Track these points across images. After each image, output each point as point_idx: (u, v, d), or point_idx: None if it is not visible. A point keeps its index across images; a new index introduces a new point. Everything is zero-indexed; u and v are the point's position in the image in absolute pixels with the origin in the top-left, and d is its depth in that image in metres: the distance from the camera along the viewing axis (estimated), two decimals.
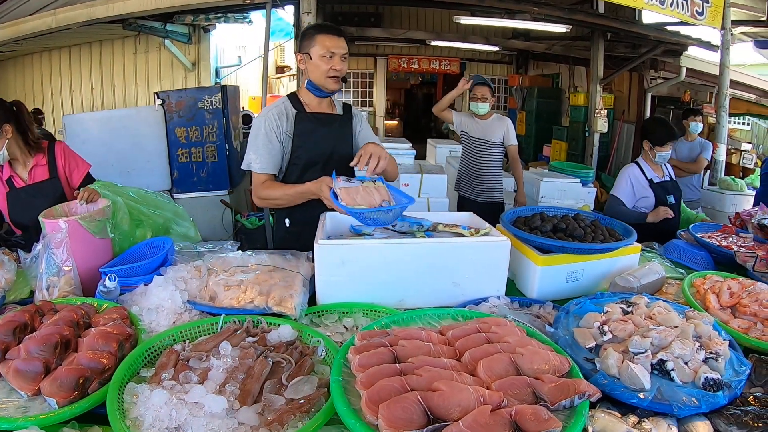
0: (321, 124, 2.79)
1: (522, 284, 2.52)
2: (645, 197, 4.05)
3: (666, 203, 4.00)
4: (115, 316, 1.86)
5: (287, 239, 2.85)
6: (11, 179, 2.98)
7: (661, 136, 3.99)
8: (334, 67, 2.64)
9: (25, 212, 2.94)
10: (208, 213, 7.04)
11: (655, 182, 4.04)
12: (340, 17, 11.52)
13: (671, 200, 4.04)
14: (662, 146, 3.99)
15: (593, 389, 1.38)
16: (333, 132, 2.83)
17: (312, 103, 2.80)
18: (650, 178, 4.04)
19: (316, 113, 2.80)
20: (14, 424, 1.37)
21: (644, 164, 4.10)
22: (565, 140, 11.73)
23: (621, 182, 4.11)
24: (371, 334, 1.63)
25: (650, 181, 4.04)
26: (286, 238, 2.87)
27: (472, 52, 14.40)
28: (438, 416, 1.22)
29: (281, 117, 2.73)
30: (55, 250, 2.24)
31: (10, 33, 6.89)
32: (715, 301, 2.18)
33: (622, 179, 4.10)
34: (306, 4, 6.17)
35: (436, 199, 5.88)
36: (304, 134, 2.75)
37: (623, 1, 6.52)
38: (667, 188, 4.08)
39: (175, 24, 8.09)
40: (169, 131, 7.10)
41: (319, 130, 2.77)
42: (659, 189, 4.04)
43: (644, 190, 4.04)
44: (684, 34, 8.42)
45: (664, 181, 4.11)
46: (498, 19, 8.59)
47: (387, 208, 2.15)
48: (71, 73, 9.42)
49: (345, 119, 2.91)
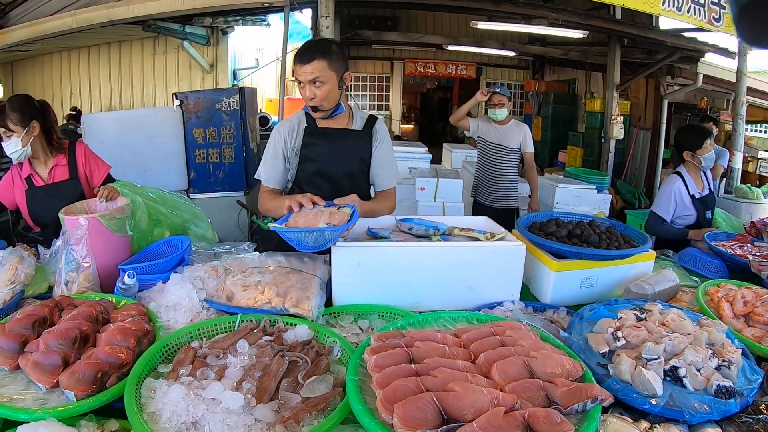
0: (330, 139, 2.71)
1: (536, 289, 2.52)
2: (686, 215, 3.90)
3: (704, 219, 3.90)
4: (133, 312, 1.89)
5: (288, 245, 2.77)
6: (31, 177, 3.03)
7: (695, 140, 3.83)
8: (306, 96, 2.54)
9: (44, 210, 2.98)
10: (224, 213, 7.07)
11: (697, 198, 3.89)
12: (356, 21, 11.57)
13: (709, 215, 3.95)
14: (702, 147, 3.81)
15: (606, 394, 1.39)
16: (342, 148, 2.73)
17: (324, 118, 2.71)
18: (692, 193, 3.87)
19: (327, 128, 2.73)
20: (32, 415, 1.40)
21: (687, 176, 3.91)
22: (581, 146, 11.67)
23: (663, 198, 3.93)
24: (387, 335, 1.64)
25: (692, 197, 3.87)
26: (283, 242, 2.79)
27: (488, 57, 14.38)
28: (452, 417, 1.23)
29: (291, 132, 2.71)
30: (74, 246, 2.27)
31: (31, 33, 6.99)
32: (729, 310, 2.17)
33: (665, 195, 3.92)
34: (324, 7, 6.19)
35: (451, 203, 5.88)
36: (311, 149, 2.70)
37: (640, 7, 6.48)
38: (707, 204, 3.93)
39: (193, 26, 8.17)
40: (186, 132, 7.15)
41: (326, 146, 2.70)
42: (700, 206, 3.89)
43: (686, 208, 3.89)
44: (701, 41, 8.35)
45: (705, 196, 3.94)
46: (515, 24, 8.60)
47: (304, 230, 2.06)
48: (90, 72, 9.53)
49: (362, 135, 2.78)
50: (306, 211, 2.18)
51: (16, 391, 1.54)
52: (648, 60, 9.58)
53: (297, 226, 2.11)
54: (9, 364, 1.62)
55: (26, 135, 2.90)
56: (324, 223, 2.06)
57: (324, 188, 2.65)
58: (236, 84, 9.57)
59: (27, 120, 2.90)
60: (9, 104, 2.91)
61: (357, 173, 2.77)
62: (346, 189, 2.62)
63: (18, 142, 2.89)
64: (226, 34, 9.11)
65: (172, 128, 7.14)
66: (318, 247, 2.07)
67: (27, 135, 2.91)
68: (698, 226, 3.85)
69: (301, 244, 2.07)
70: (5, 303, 2.05)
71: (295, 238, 2.06)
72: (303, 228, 2.08)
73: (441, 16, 13.44)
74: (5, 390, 1.54)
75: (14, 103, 2.92)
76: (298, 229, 2.07)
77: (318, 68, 2.46)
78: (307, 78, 2.48)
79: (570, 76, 13.78)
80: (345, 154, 2.74)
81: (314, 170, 2.72)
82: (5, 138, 2.90)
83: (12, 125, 2.88)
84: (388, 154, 2.86)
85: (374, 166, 2.80)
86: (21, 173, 3.04)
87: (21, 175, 3.04)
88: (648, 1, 6.36)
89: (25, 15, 7.21)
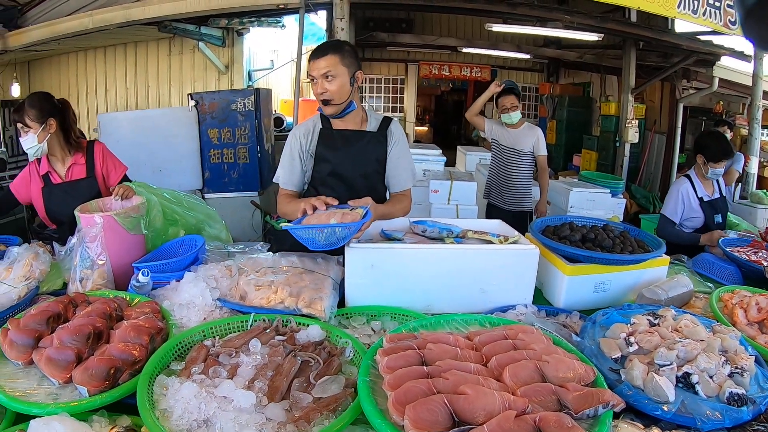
0: (345, 141, 2.72)
1: (549, 293, 2.51)
2: (694, 217, 3.93)
3: (713, 223, 3.89)
4: (147, 310, 1.91)
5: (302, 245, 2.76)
6: (48, 175, 3.06)
7: (716, 153, 3.82)
8: (318, 91, 2.57)
9: (61, 208, 3.01)
10: (238, 214, 7.11)
11: (705, 201, 3.91)
12: (371, 23, 11.57)
13: (718, 219, 3.94)
14: (717, 163, 3.83)
15: (617, 399, 1.38)
16: (356, 150, 2.73)
17: (337, 119, 2.72)
18: (701, 196, 3.90)
19: (342, 130, 2.74)
20: (45, 409, 1.42)
21: (696, 179, 3.94)
22: (596, 150, 11.59)
23: (671, 200, 3.96)
24: (399, 336, 1.64)
25: (701, 199, 3.90)
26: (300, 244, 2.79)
27: (503, 60, 14.31)
28: (463, 419, 1.23)
29: (306, 135, 2.73)
30: (89, 244, 2.30)
31: (48, 33, 7.07)
32: (743, 316, 2.15)
33: (672, 197, 3.96)
34: (339, 9, 6.20)
35: (465, 206, 5.87)
36: (325, 151, 2.72)
37: (655, 10, 6.44)
38: (716, 207, 3.94)
39: (209, 27, 8.21)
40: (201, 132, 7.21)
41: (340, 148, 2.71)
42: (708, 209, 3.91)
43: (693, 210, 3.91)
44: (717, 44, 8.27)
45: (714, 200, 3.96)
46: (529, 26, 8.57)
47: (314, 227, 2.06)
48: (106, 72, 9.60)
49: (377, 137, 2.78)
50: (320, 212, 2.17)
51: (29, 385, 1.56)
52: (663, 63, 9.52)
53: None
54: (23, 359, 1.65)
55: (43, 132, 2.94)
56: (336, 222, 2.06)
57: (338, 189, 2.66)
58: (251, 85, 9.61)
59: (44, 117, 2.94)
60: (28, 101, 2.96)
61: (372, 174, 2.77)
62: (360, 190, 2.64)
63: (34, 138, 2.92)
64: (242, 36, 9.15)
65: (188, 128, 7.21)
66: (330, 245, 2.07)
67: (44, 132, 2.94)
68: (706, 230, 3.84)
69: (313, 242, 2.07)
70: (20, 299, 2.08)
71: (306, 236, 2.06)
72: (314, 225, 2.07)
73: (456, 19, 13.41)
74: (19, 384, 1.56)
75: (33, 100, 2.97)
76: (309, 227, 2.07)
77: (330, 63, 2.51)
78: (320, 72, 2.52)
79: (585, 79, 13.71)
80: (360, 156, 2.74)
81: (329, 171, 2.72)
82: (23, 134, 2.95)
83: (29, 121, 2.91)
84: (404, 155, 2.85)
85: (390, 168, 2.81)
86: (39, 170, 3.07)
87: (39, 172, 3.07)
88: (663, 3, 6.32)
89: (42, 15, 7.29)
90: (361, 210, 2.19)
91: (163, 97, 9.44)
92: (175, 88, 9.42)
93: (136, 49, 9.42)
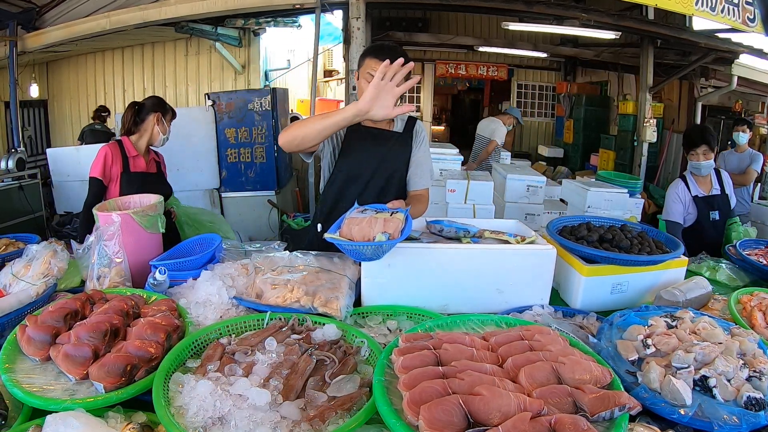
0: (373, 139, 2.73)
1: (566, 294, 2.50)
2: (686, 214, 3.94)
3: (707, 220, 3.88)
4: (163, 307, 1.92)
5: (317, 244, 2.72)
6: (131, 159, 3.67)
7: (687, 141, 3.86)
8: None
9: (138, 192, 3.03)
10: (254, 212, 7.16)
11: (699, 197, 3.91)
12: (387, 22, 11.56)
13: (715, 216, 3.91)
14: (690, 152, 3.86)
15: (634, 402, 1.37)
16: (383, 149, 2.75)
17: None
18: (695, 194, 3.91)
19: (372, 128, 2.76)
20: (61, 405, 1.43)
21: (690, 178, 3.97)
22: (613, 149, 11.50)
23: (669, 204, 3.99)
24: (415, 336, 1.64)
25: (695, 197, 3.90)
26: (316, 243, 2.77)
27: (519, 59, 14.24)
28: (478, 420, 1.23)
29: None
30: (107, 242, 2.32)
31: (66, 34, 7.16)
32: (762, 319, 2.11)
33: (669, 200, 3.98)
34: (355, 9, 6.21)
35: (482, 206, 5.84)
36: (351, 147, 2.73)
37: (673, 8, 6.38)
38: (712, 204, 3.92)
39: (225, 27, 8.27)
40: (218, 131, 7.27)
41: (366, 146, 2.73)
42: (702, 204, 3.90)
43: (687, 207, 3.93)
44: (735, 42, 8.17)
45: (711, 196, 3.95)
46: (546, 25, 8.52)
47: (362, 243, 1.94)
48: (124, 73, 9.71)
49: (403, 137, 2.82)
50: (358, 216, 2.07)
51: (46, 381, 1.57)
52: (681, 61, 9.42)
53: (352, 235, 1.98)
54: (40, 355, 1.66)
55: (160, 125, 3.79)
56: (380, 232, 1.95)
57: (361, 186, 2.68)
58: (268, 84, 9.66)
59: None
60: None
61: (396, 174, 2.78)
62: (384, 188, 2.68)
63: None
64: (258, 36, 9.20)
65: (205, 128, 7.26)
66: (374, 258, 2.01)
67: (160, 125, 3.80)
68: (699, 226, 3.87)
69: (358, 255, 2.01)
70: (38, 295, 2.10)
71: (352, 249, 1.98)
72: (360, 243, 1.95)
73: (472, 18, 13.35)
74: (36, 380, 1.57)
75: None
76: (358, 243, 1.95)
77: None
78: None
79: (602, 77, 13.59)
80: (385, 155, 2.76)
81: (352, 167, 2.73)
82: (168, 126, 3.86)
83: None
84: (426, 154, 2.89)
85: (412, 166, 2.83)
86: (120, 152, 3.62)
87: (127, 153, 3.65)
88: (681, 1, 6.27)
89: (60, 17, 7.38)
90: (400, 215, 2.09)
91: (180, 97, 9.52)
92: (192, 88, 9.50)
93: (153, 49, 9.52)
